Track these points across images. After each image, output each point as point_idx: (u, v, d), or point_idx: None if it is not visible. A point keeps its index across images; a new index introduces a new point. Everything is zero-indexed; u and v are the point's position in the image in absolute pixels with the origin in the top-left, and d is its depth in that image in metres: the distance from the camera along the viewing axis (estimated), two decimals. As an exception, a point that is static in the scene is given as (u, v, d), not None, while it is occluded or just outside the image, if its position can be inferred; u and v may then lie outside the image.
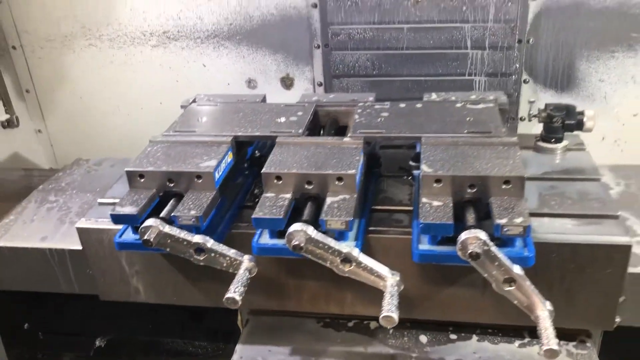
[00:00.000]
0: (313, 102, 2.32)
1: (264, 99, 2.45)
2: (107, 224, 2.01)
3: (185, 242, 1.80)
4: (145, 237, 1.76)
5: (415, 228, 1.85)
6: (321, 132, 2.27)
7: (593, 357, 2.02)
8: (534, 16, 2.80)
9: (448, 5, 2.82)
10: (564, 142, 2.36)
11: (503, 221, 1.62)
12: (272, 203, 1.79)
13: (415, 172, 1.99)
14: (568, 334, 2.06)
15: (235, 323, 2.45)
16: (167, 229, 1.78)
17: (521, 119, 3.00)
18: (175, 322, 2.75)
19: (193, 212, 1.80)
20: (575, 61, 2.89)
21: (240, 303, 1.71)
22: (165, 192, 1.93)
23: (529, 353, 2.05)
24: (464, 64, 2.92)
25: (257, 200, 1.83)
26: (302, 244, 1.68)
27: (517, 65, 2.88)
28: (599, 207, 1.95)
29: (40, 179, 2.86)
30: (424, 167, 1.79)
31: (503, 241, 1.70)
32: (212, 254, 1.82)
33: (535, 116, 2.40)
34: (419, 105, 2.23)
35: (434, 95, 2.31)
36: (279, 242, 1.80)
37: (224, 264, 1.83)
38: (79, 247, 2.17)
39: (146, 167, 1.92)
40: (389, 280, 1.72)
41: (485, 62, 2.90)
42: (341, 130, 2.24)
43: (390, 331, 2.16)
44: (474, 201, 1.75)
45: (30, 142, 3.64)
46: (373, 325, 2.21)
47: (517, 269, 1.63)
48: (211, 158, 1.95)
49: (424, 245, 1.77)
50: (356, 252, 1.72)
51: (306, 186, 1.83)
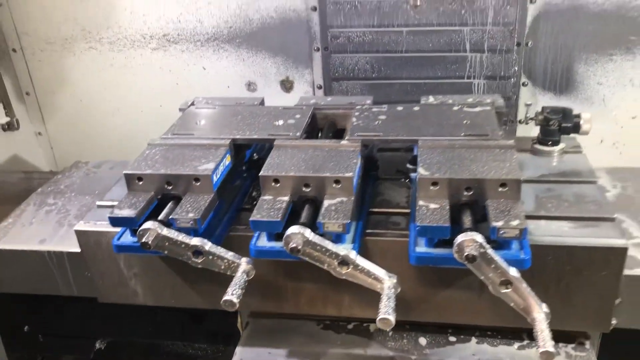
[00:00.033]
0: (311, 105, 2.32)
1: (262, 102, 2.46)
2: (106, 227, 2.01)
3: (183, 245, 1.80)
4: (144, 240, 1.77)
5: (412, 231, 1.85)
6: (319, 134, 2.27)
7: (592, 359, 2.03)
8: (533, 19, 2.80)
9: (447, 9, 2.83)
10: (561, 145, 2.36)
11: (499, 224, 1.62)
12: (269, 206, 1.80)
13: (413, 174, 1.98)
14: (567, 336, 2.06)
15: (235, 325, 2.45)
16: (165, 231, 1.79)
17: (520, 121, 3.00)
18: (175, 325, 2.74)
19: (191, 215, 1.80)
20: (573, 64, 2.90)
21: (237, 305, 1.71)
22: (163, 195, 1.94)
23: (528, 355, 2.05)
24: (463, 66, 2.93)
25: (255, 202, 1.84)
26: (299, 247, 1.68)
27: (516, 68, 2.89)
28: (596, 209, 1.96)
29: (40, 182, 2.85)
30: (421, 170, 1.79)
31: (499, 244, 1.70)
32: (210, 257, 1.82)
33: (532, 119, 2.40)
34: (416, 108, 2.23)
35: (431, 98, 2.32)
36: (277, 245, 1.80)
37: (222, 267, 1.83)
38: (78, 250, 2.17)
39: (144, 170, 1.93)
40: (386, 282, 1.73)
41: (484, 65, 2.91)
42: (339, 133, 2.24)
43: (390, 333, 2.16)
44: (470, 204, 1.76)
45: (30, 144, 3.64)
46: (373, 327, 2.21)
47: (513, 272, 1.63)
48: (209, 161, 1.95)
49: (421, 248, 1.77)
50: (353, 255, 1.73)
51: (304, 189, 1.83)
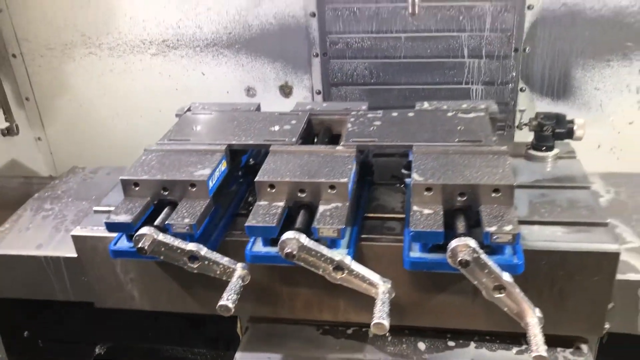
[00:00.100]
0: (307, 111, 2.33)
1: (258, 108, 2.47)
2: (102, 232, 2.00)
3: (179, 250, 1.81)
4: (140, 245, 1.77)
5: (407, 236, 1.85)
6: (315, 140, 2.28)
7: None
8: (530, 25, 2.81)
9: (445, 15, 2.83)
10: (555, 151, 2.37)
11: (492, 229, 1.63)
12: (265, 211, 1.81)
13: (407, 180, 2.00)
14: (564, 341, 2.06)
15: (235, 330, 2.46)
16: (161, 237, 1.79)
17: (517, 127, 3.00)
18: (175, 330, 2.74)
19: (187, 220, 1.81)
20: (571, 70, 2.90)
21: (232, 311, 1.72)
22: (159, 201, 1.95)
23: (527, 360, 2.06)
24: (461, 72, 2.94)
25: (251, 208, 1.84)
26: (294, 252, 1.69)
27: (514, 74, 2.90)
28: (588, 214, 1.97)
29: (40, 187, 2.85)
30: (415, 176, 1.80)
31: (493, 249, 1.71)
32: (206, 262, 1.83)
33: (525, 124, 2.41)
34: (411, 114, 2.24)
35: (426, 104, 2.33)
36: (272, 250, 1.81)
37: (217, 272, 1.84)
38: (75, 255, 2.18)
39: (141, 175, 1.94)
40: (381, 287, 1.73)
41: (482, 71, 2.92)
42: (334, 139, 2.25)
43: (389, 338, 2.16)
44: (464, 209, 1.77)
45: (30, 149, 3.65)
46: (372, 332, 2.22)
47: (506, 277, 1.64)
48: (205, 167, 1.96)
49: (415, 253, 1.78)
50: (348, 260, 1.74)
51: (299, 194, 1.84)
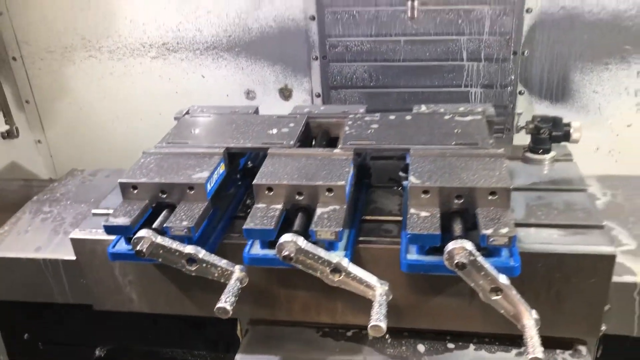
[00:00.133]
0: (305, 114, 2.34)
1: (256, 111, 2.47)
2: (101, 235, 2.02)
3: (177, 253, 1.82)
4: (138, 248, 1.78)
5: (404, 238, 1.86)
6: (312, 143, 2.29)
7: None
8: (529, 29, 2.82)
9: (444, 18, 2.84)
10: (552, 153, 2.37)
11: (489, 232, 1.64)
12: (263, 214, 1.81)
13: (405, 182, 2.00)
14: (563, 343, 2.06)
15: (235, 333, 2.46)
16: (159, 239, 1.80)
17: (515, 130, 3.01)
18: (174, 332, 2.73)
19: (185, 223, 1.82)
20: (569, 73, 2.91)
21: (230, 313, 1.72)
22: (158, 203, 1.95)
23: (526, 362, 2.06)
24: (460, 75, 2.94)
25: (249, 210, 1.85)
26: (292, 255, 1.70)
27: (513, 77, 2.90)
28: (585, 217, 1.97)
29: (40, 190, 2.86)
30: (412, 179, 1.81)
31: (489, 251, 1.71)
32: (204, 265, 1.83)
33: (522, 127, 2.41)
34: (408, 117, 2.25)
35: (423, 107, 2.33)
36: (270, 253, 1.82)
37: (216, 274, 1.84)
38: (73, 258, 2.18)
39: (139, 178, 1.95)
40: (378, 289, 1.74)
41: (480, 74, 2.92)
42: (332, 142, 2.25)
43: (388, 340, 2.16)
44: (461, 212, 1.77)
45: (30, 152, 3.65)
46: (371, 334, 2.23)
47: (503, 279, 1.64)
48: (203, 169, 1.97)
49: (412, 255, 1.79)
50: (345, 262, 1.74)
51: (297, 197, 1.85)
